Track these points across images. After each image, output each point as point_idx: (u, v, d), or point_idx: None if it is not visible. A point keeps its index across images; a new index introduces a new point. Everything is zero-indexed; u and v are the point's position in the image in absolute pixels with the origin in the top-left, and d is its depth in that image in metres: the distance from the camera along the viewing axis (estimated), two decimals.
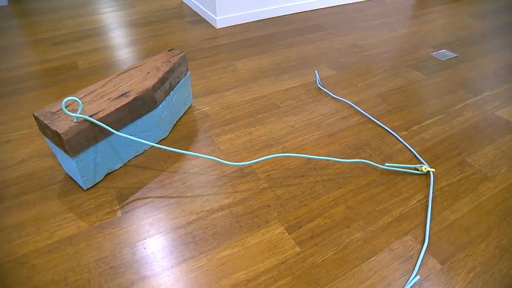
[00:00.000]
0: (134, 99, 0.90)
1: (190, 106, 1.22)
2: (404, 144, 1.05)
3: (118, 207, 0.87)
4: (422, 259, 0.74)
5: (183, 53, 1.09)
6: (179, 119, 1.16)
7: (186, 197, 0.89)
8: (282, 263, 0.74)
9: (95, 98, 0.89)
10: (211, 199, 0.88)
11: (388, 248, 0.77)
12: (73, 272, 0.73)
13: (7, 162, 1.01)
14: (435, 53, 1.55)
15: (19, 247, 0.78)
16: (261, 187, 0.91)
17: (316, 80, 1.35)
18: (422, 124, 1.13)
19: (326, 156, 1.00)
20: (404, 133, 1.09)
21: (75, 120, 0.80)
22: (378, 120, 1.14)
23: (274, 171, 0.96)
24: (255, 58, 1.52)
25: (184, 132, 1.10)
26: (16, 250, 0.78)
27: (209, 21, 1.88)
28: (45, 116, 0.82)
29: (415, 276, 0.71)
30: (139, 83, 0.94)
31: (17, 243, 0.79)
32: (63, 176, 0.95)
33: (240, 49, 1.60)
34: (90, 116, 0.83)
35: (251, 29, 1.79)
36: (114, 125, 0.88)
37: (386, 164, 0.94)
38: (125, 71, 1.00)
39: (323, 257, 0.75)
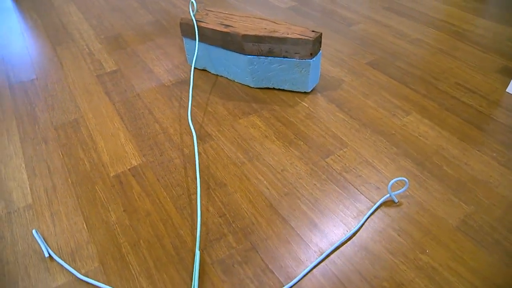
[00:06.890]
0: (225, 33, 1.11)
1: (303, 92, 1.20)
2: None
3: (170, 83, 1.25)
4: None
5: (310, 39, 1.06)
6: (280, 89, 1.21)
7: (179, 120, 1.13)
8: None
9: (220, 17, 1.18)
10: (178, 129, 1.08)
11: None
12: (130, 92, 1.26)
13: None
14: None
15: (151, 67, 1.38)
16: (178, 160, 0.99)
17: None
18: None
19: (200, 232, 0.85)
20: None
21: (191, 17, 1.17)
22: None
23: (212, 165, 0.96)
24: (451, 143, 1.06)
25: (259, 97, 1.18)
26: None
27: None
28: (193, 8, 1.23)
29: None
30: (246, 28, 1.11)
31: (149, 68, 1.39)
32: None
33: (467, 127, 1.12)
34: (197, 20, 1.16)
35: None
36: (208, 38, 1.16)
37: None
38: (265, 19, 1.16)
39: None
